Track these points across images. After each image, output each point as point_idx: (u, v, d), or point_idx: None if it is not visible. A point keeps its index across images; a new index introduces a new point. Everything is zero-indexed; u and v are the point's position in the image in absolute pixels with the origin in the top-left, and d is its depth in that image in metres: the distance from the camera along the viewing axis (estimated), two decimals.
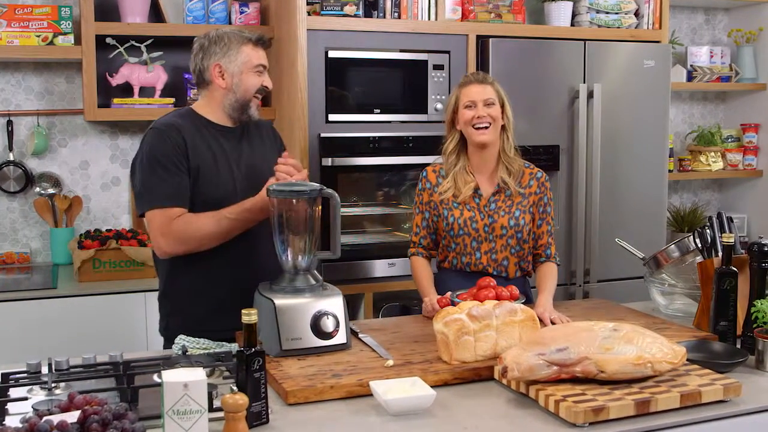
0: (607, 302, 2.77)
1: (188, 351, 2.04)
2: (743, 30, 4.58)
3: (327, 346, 2.06)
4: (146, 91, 3.61)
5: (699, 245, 2.46)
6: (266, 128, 2.59)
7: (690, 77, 4.48)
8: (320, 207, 2.20)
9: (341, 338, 2.09)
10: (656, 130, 3.87)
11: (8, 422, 1.58)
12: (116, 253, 3.31)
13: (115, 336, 3.10)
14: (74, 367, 1.90)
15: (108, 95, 3.54)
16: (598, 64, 3.72)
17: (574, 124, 3.69)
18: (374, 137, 3.44)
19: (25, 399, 1.71)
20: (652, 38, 3.92)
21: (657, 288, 2.62)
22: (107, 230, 3.51)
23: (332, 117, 3.38)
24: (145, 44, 3.57)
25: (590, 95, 3.68)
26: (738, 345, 2.15)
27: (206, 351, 2.08)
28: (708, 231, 2.44)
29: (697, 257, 2.49)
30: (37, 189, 3.62)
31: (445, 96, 3.52)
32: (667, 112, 3.92)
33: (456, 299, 2.35)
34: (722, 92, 4.80)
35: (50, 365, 1.87)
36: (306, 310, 2.07)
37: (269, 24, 3.69)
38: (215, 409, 1.60)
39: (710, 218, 2.48)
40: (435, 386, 1.81)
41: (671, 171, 4.35)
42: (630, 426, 1.66)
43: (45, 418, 1.40)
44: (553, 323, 2.26)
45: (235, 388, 1.61)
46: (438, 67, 3.53)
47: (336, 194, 2.16)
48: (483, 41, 3.57)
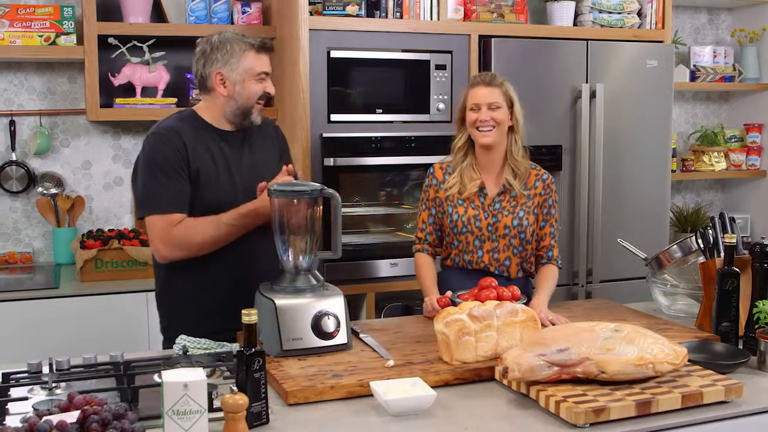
0: (609, 303, 2.76)
1: (189, 351, 2.04)
2: (747, 30, 4.57)
3: (328, 347, 2.06)
4: (148, 91, 3.60)
5: (701, 246, 2.46)
6: (269, 128, 2.57)
7: (693, 77, 4.47)
8: (321, 207, 2.20)
9: (342, 338, 2.09)
10: (659, 130, 3.86)
11: (8, 422, 1.58)
12: (118, 253, 3.32)
13: (117, 336, 3.10)
14: (75, 367, 1.90)
15: (110, 95, 3.54)
16: (601, 64, 3.72)
17: (577, 124, 3.68)
18: (376, 137, 3.43)
19: (26, 399, 1.72)
20: (655, 38, 3.91)
21: (659, 288, 2.61)
22: (109, 230, 3.51)
23: (334, 117, 3.38)
24: (148, 44, 3.57)
25: (593, 95, 3.68)
26: (740, 346, 2.15)
27: (207, 351, 2.08)
28: (710, 231, 2.44)
29: (700, 258, 2.49)
30: (40, 189, 3.62)
31: (448, 96, 3.52)
32: (670, 112, 3.91)
33: (457, 299, 2.34)
34: (725, 92, 4.79)
35: (51, 365, 1.87)
36: (307, 311, 2.07)
37: (271, 24, 3.68)
38: (215, 409, 1.60)
39: (713, 219, 2.47)
40: (436, 387, 1.81)
41: (674, 171, 4.35)
42: (631, 427, 1.66)
43: (45, 418, 1.40)
44: (553, 324, 2.26)
45: (235, 388, 1.61)
46: (440, 67, 3.52)
47: (337, 194, 2.16)
48: (485, 41, 3.56)
